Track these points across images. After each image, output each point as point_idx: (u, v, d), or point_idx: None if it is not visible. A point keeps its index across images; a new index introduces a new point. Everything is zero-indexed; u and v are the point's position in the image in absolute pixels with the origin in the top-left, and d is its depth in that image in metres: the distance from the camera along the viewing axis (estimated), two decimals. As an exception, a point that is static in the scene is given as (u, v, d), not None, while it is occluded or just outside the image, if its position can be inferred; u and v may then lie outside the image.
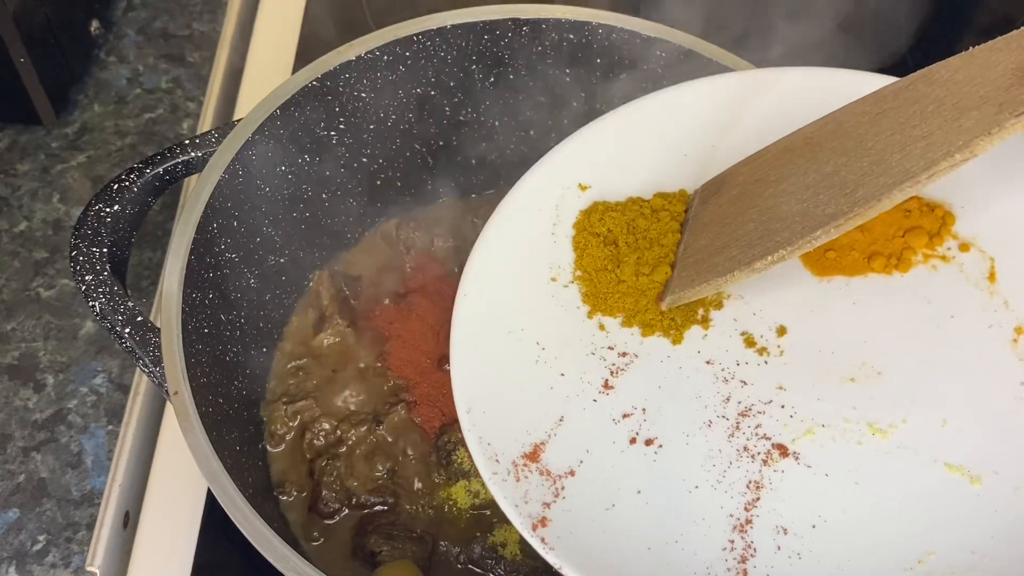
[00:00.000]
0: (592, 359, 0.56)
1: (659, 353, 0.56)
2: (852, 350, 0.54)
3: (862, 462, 0.51)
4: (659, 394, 0.54)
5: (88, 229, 0.60)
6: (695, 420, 0.53)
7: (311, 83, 0.65)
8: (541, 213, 0.60)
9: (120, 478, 0.67)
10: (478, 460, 0.51)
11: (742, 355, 0.55)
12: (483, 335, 0.55)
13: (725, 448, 0.52)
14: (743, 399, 0.54)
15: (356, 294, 0.72)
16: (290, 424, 0.67)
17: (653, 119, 0.61)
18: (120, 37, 1.03)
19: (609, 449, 0.53)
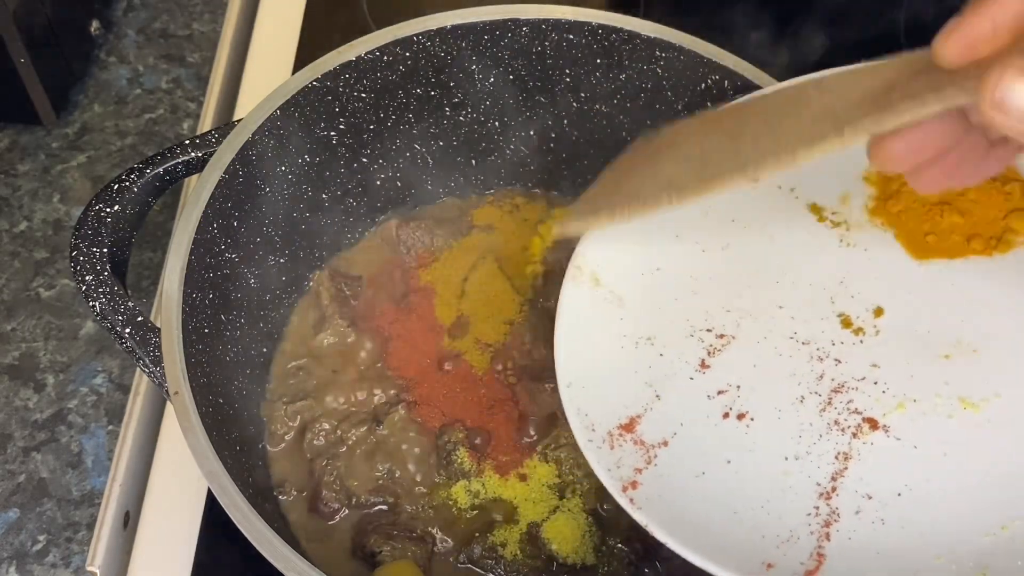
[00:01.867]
0: (691, 340, 0.57)
1: (756, 334, 0.57)
2: (949, 329, 0.56)
3: (952, 434, 0.52)
4: (754, 372, 0.56)
5: (88, 229, 0.60)
6: (788, 396, 0.55)
7: (311, 83, 0.65)
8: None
9: (120, 478, 0.67)
10: (575, 428, 0.52)
11: (838, 335, 0.57)
12: (586, 316, 0.57)
13: (816, 422, 0.54)
14: (836, 376, 0.55)
15: (356, 294, 0.72)
16: (290, 424, 0.67)
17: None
18: (120, 37, 1.03)
19: (703, 422, 0.54)
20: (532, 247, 0.70)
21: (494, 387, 0.68)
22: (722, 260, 0.60)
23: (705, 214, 0.61)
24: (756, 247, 0.61)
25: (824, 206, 0.61)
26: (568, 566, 0.61)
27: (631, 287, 0.59)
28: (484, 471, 0.64)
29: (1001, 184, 0.58)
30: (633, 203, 0.55)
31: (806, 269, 0.59)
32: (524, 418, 0.66)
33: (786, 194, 0.62)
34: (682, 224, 0.61)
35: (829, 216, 0.61)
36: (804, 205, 0.61)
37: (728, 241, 0.61)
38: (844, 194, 0.61)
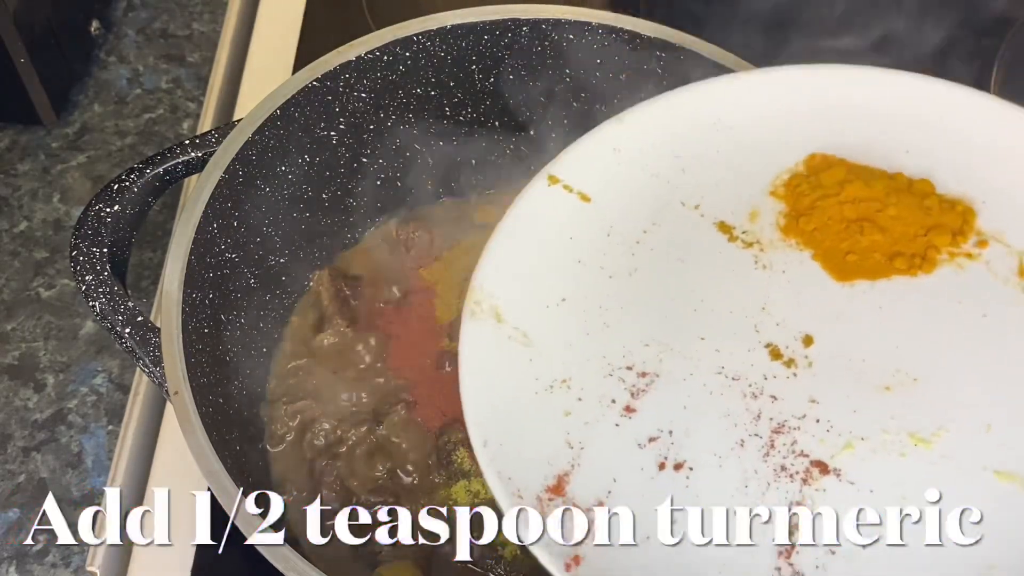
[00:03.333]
0: (610, 380, 0.53)
1: (681, 371, 0.53)
2: (884, 357, 0.53)
3: (907, 475, 0.49)
4: (685, 415, 0.52)
5: (88, 229, 0.60)
6: (726, 440, 0.51)
7: (311, 83, 0.65)
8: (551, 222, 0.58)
9: (120, 478, 0.67)
10: (500, 497, 0.48)
11: (769, 368, 0.53)
12: (492, 360, 0.53)
13: (761, 468, 0.50)
14: (775, 415, 0.52)
15: (356, 294, 0.72)
16: (290, 424, 0.67)
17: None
18: (120, 37, 1.03)
19: (637, 476, 0.50)
20: None
21: (494, 387, 0.68)
22: (631, 287, 0.56)
23: (607, 235, 0.57)
24: (666, 272, 0.57)
25: (733, 224, 0.58)
26: (568, 566, 0.61)
27: (537, 322, 0.54)
28: (484, 471, 0.64)
29: (920, 199, 0.56)
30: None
31: (723, 295, 0.55)
32: (524, 418, 0.66)
33: (690, 212, 0.58)
34: (583, 247, 0.57)
35: (740, 235, 0.57)
36: (711, 224, 0.58)
37: (635, 265, 0.57)
38: (752, 210, 0.58)
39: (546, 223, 0.57)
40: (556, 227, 0.57)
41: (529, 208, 0.57)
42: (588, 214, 0.58)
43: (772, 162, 0.59)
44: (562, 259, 0.57)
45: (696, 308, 0.55)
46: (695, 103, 0.60)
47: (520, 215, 0.57)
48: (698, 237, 0.58)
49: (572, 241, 0.57)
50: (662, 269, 0.57)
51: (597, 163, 0.59)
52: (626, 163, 0.59)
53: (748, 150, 0.59)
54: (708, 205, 0.58)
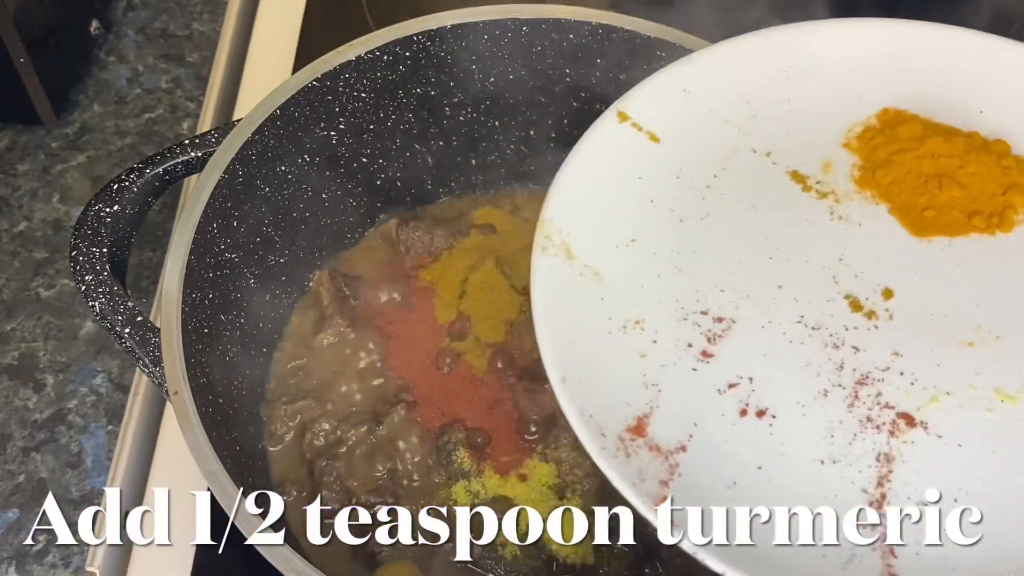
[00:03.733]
0: (685, 325, 0.52)
1: (759, 318, 0.52)
2: (965, 313, 0.52)
3: (995, 430, 0.49)
4: (765, 362, 0.51)
5: (88, 229, 0.60)
6: (809, 389, 0.50)
7: (311, 83, 0.65)
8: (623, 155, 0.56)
9: (120, 478, 0.67)
10: (582, 435, 0.47)
11: (849, 319, 0.52)
12: (565, 296, 0.52)
13: (846, 419, 0.49)
14: (858, 366, 0.51)
15: (356, 294, 0.72)
16: (290, 424, 0.67)
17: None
18: (120, 37, 1.03)
19: (718, 422, 0.50)
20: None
21: (494, 387, 0.68)
22: (703, 231, 0.55)
23: (676, 177, 0.56)
24: (739, 218, 0.56)
25: (807, 174, 0.57)
26: (568, 566, 0.61)
27: (607, 261, 0.53)
28: (484, 471, 0.64)
29: (997, 158, 0.56)
30: None
31: (799, 244, 0.55)
32: (524, 418, 0.66)
33: (762, 159, 0.57)
34: (653, 188, 0.56)
35: (814, 185, 0.57)
36: (784, 172, 0.57)
37: (707, 210, 0.56)
38: (826, 161, 0.57)
39: (615, 160, 0.56)
40: (625, 165, 0.56)
41: (598, 143, 0.56)
42: (657, 154, 0.57)
43: (845, 114, 0.59)
44: (631, 198, 0.56)
45: (771, 256, 0.55)
46: (768, 49, 0.59)
47: (589, 150, 0.56)
48: (771, 185, 0.57)
49: (641, 181, 0.56)
50: (735, 215, 0.56)
51: (667, 103, 0.58)
52: (696, 105, 0.58)
53: (821, 100, 0.59)
54: (780, 153, 0.58)
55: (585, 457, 0.64)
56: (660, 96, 0.58)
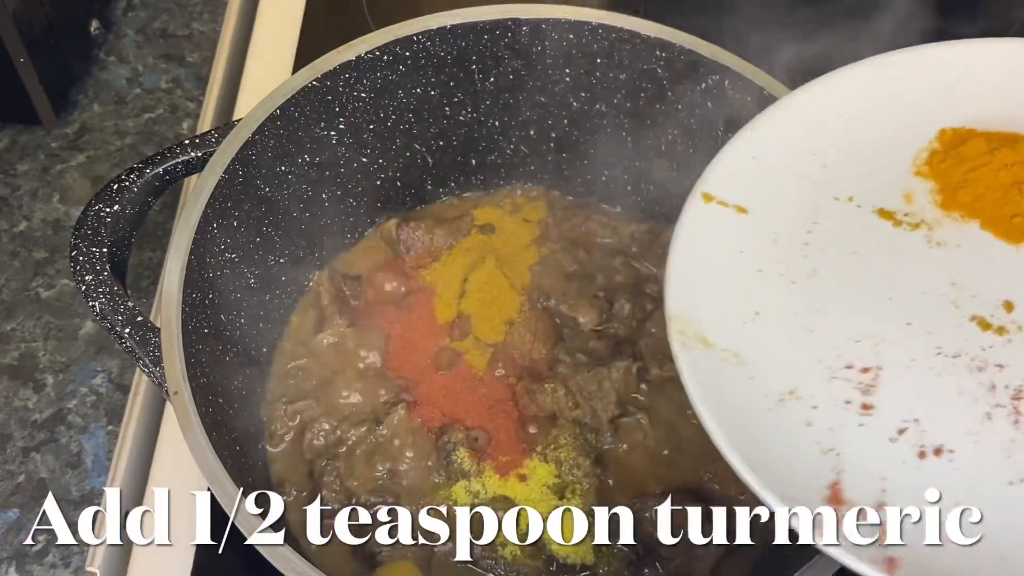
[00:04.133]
0: (836, 383, 0.52)
1: (902, 359, 0.53)
2: None
3: None
4: (923, 401, 0.52)
5: (88, 229, 0.60)
6: (972, 416, 0.51)
7: (311, 83, 0.65)
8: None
9: (120, 478, 0.67)
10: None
11: (983, 340, 0.53)
12: (717, 386, 0.52)
13: (1017, 436, 0.50)
14: (1008, 382, 0.52)
15: (356, 294, 0.72)
16: (290, 424, 0.67)
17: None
18: (120, 37, 1.03)
19: (903, 469, 0.50)
20: None
21: (494, 387, 0.68)
22: (817, 288, 0.56)
23: (774, 242, 0.57)
24: (845, 267, 0.56)
25: (893, 209, 0.58)
26: (568, 566, 0.61)
27: (741, 339, 0.54)
28: (484, 471, 0.64)
29: None
30: None
31: (911, 278, 0.55)
32: (524, 418, 0.66)
33: (846, 204, 0.58)
34: (757, 257, 0.57)
35: (903, 219, 0.58)
36: (871, 212, 0.58)
37: (813, 267, 0.56)
38: (905, 193, 0.58)
39: (712, 240, 0.57)
40: (723, 242, 0.57)
41: (693, 229, 0.56)
42: (750, 225, 0.57)
43: (906, 144, 0.60)
44: (740, 273, 0.56)
45: (890, 296, 0.55)
46: (816, 101, 0.60)
47: (686, 237, 0.56)
48: (864, 228, 0.57)
49: (744, 254, 0.57)
50: (840, 265, 0.57)
51: (742, 174, 0.58)
52: (769, 169, 0.59)
53: (880, 136, 0.60)
54: (861, 195, 0.59)
55: (585, 457, 0.64)
56: (733, 169, 0.58)
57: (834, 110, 0.60)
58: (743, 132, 0.59)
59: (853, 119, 0.60)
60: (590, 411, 0.66)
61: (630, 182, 0.76)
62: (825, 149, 0.60)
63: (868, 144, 0.60)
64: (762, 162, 0.59)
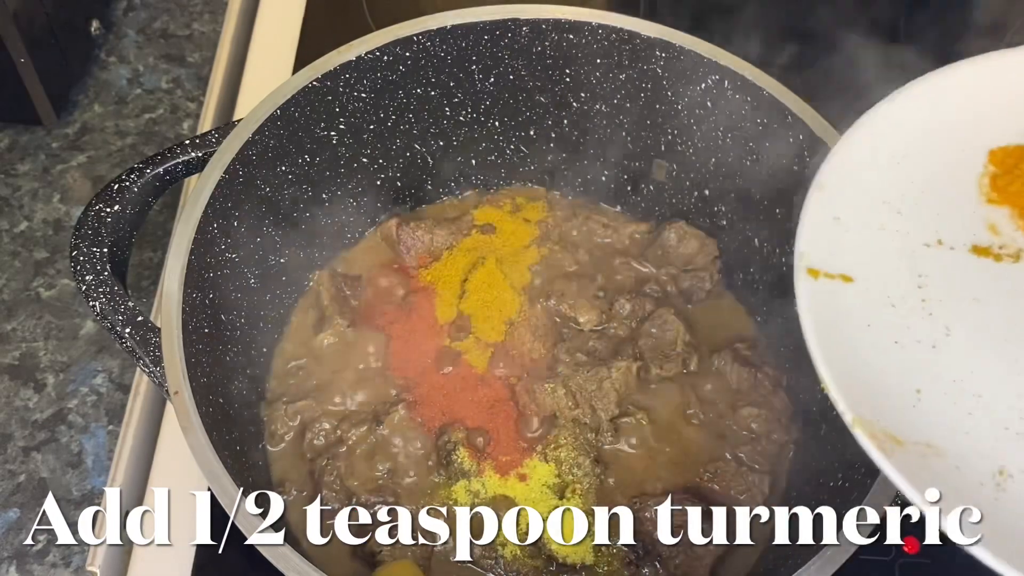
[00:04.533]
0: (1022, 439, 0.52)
1: None
2: None
3: None
4: None
5: (88, 229, 0.60)
6: None
7: (311, 83, 0.65)
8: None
9: (120, 478, 0.67)
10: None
11: None
12: (926, 480, 0.51)
13: None
14: None
15: (356, 294, 0.72)
16: (290, 424, 0.67)
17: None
18: (120, 37, 1.03)
19: None
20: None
21: (494, 387, 0.68)
22: (961, 347, 0.54)
23: (893, 306, 0.55)
24: (975, 317, 0.55)
25: (987, 244, 0.57)
26: (568, 566, 0.61)
27: (923, 428, 0.52)
28: (484, 471, 0.64)
29: None
30: None
31: None
32: (524, 418, 0.66)
33: (940, 250, 0.57)
34: (886, 328, 0.55)
35: (1001, 252, 0.57)
36: (968, 252, 0.57)
37: (945, 324, 0.55)
38: (989, 224, 0.58)
39: (840, 321, 0.55)
40: (851, 321, 0.55)
41: (817, 313, 0.54)
42: (862, 293, 0.56)
43: (964, 173, 0.59)
44: (883, 351, 0.54)
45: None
46: (865, 146, 0.59)
47: (818, 326, 0.54)
48: (969, 270, 0.57)
49: (873, 328, 0.55)
50: (969, 316, 0.55)
51: (831, 239, 0.57)
52: (852, 227, 0.58)
53: (936, 170, 0.59)
54: (948, 236, 0.58)
55: (585, 457, 0.64)
56: (821, 235, 0.57)
57: (885, 153, 0.59)
58: (812, 192, 0.57)
59: (905, 158, 0.59)
60: (590, 411, 0.66)
61: (630, 182, 0.76)
62: (893, 195, 0.59)
63: (929, 181, 0.59)
64: (844, 222, 0.57)
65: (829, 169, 0.58)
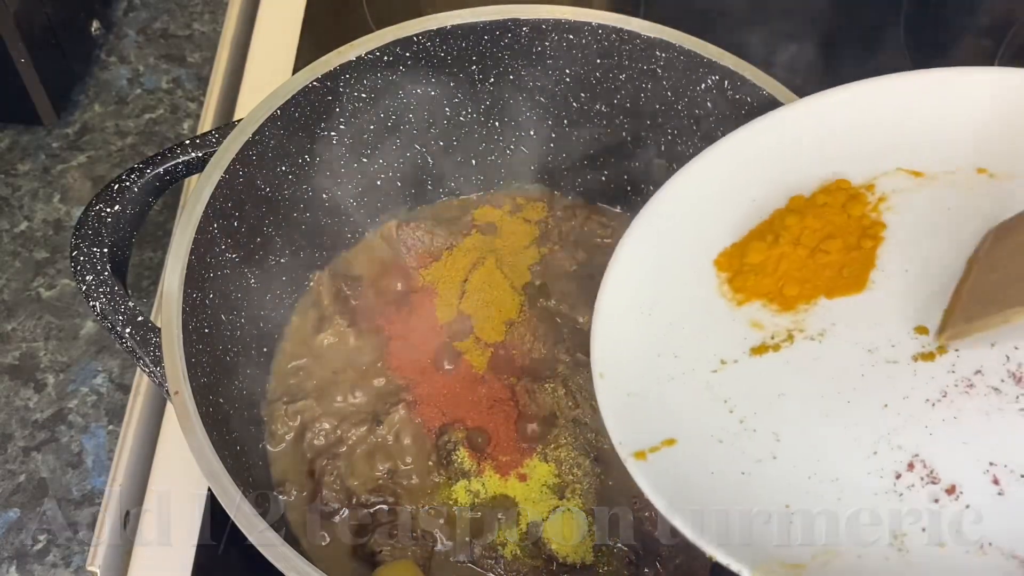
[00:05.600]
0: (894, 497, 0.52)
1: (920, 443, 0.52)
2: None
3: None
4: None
5: (89, 229, 0.60)
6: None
7: (311, 83, 0.65)
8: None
9: (120, 478, 0.67)
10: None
11: (929, 369, 0.53)
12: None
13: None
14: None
15: (356, 294, 0.72)
16: (290, 424, 0.67)
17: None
18: (121, 37, 1.03)
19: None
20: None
21: (494, 387, 0.68)
22: (797, 442, 0.54)
23: (721, 442, 0.55)
24: (789, 409, 0.55)
25: (760, 342, 0.57)
26: (568, 565, 0.61)
27: (812, 540, 0.51)
28: (484, 471, 0.64)
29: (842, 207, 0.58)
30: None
31: (843, 375, 0.55)
32: (524, 418, 0.66)
33: (727, 368, 0.57)
34: (726, 463, 0.54)
35: (773, 341, 0.57)
36: (749, 357, 0.57)
37: (771, 431, 0.55)
38: (751, 322, 0.58)
39: (683, 482, 0.53)
40: (692, 476, 0.54)
41: (658, 488, 0.52)
42: (688, 447, 0.55)
43: (705, 294, 0.59)
44: (733, 488, 0.53)
45: (849, 400, 0.54)
46: (613, 318, 0.59)
47: (663, 500, 0.52)
48: (762, 373, 0.56)
49: (715, 473, 0.54)
50: (786, 412, 0.55)
51: (636, 416, 0.56)
52: (646, 393, 0.57)
53: (683, 303, 0.59)
54: (726, 353, 0.57)
55: (585, 457, 0.64)
56: (624, 418, 0.56)
57: (635, 311, 0.59)
58: (599, 383, 0.56)
59: (654, 305, 0.59)
60: (590, 411, 0.66)
61: (629, 182, 0.76)
62: (662, 345, 0.58)
63: (683, 315, 0.59)
64: (636, 393, 0.57)
65: (598, 355, 0.57)
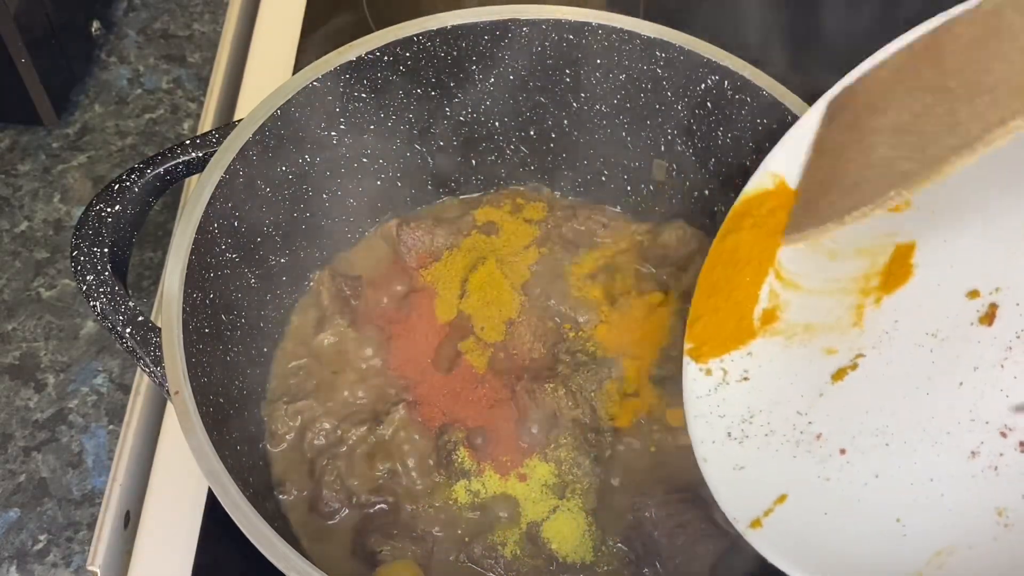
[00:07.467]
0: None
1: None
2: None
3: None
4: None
5: (89, 229, 0.60)
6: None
7: (311, 83, 0.65)
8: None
9: (121, 478, 0.67)
10: None
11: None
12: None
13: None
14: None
15: (356, 294, 0.72)
16: (291, 424, 0.67)
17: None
18: (121, 38, 1.03)
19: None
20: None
21: (494, 387, 0.68)
22: (898, 455, 0.54)
23: (827, 480, 0.55)
24: (877, 422, 0.56)
25: (837, 367, 0.58)
26: (568, 565, 0.61)
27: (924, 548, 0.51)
28: (484, 471, 0.64)
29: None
30: (859, 202, 0.48)
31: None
32: (524, 418, 0.66)
33: (815, 403, 0.57)
34: (838, 500, 0.54)
35: (853, 361, 0.57)
36: (831, 384, 0.57)
37: (869, 456, 0.55)
38: (826, 349, 0.58)
39: (802, 537, 0.54)
40: (810, 527, 0.54)
41: (781, 550, 0.53)
42: (799, 497, 0.55)
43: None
44: (852, 522, 0.53)
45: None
46: (702, 397, 0.58)
47: (789, 562, 0.52)
48: (843, 399, 0.56)
49: (829, 513, 0.54)
50: (876, 426, 0.55)
51: (746, 487, 0.56)
52: (752, 461, 0.57)
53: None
54: (806, 390, 0.57)
55: (585, 457, 0.64)
56: (736, 493, 0.55)
57: (724, 387, 0.58)
58: (705, 467, 0.56)
59: (745, 373, 0.59)
60: (590, 411, 0.66)
61: (630, 182, 0.76)
62: (753, 406, 0.58)
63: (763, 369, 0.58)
64: (743, 465, 0.57)
65: (697, 439, 0.57)
